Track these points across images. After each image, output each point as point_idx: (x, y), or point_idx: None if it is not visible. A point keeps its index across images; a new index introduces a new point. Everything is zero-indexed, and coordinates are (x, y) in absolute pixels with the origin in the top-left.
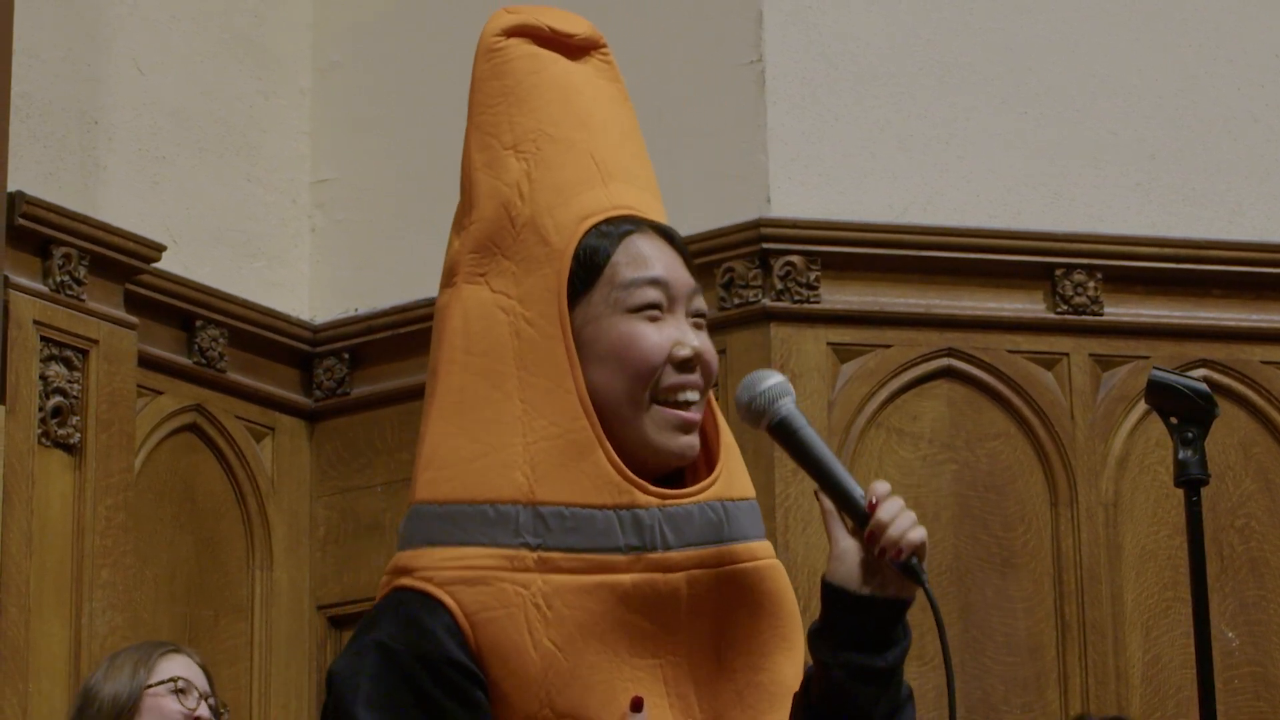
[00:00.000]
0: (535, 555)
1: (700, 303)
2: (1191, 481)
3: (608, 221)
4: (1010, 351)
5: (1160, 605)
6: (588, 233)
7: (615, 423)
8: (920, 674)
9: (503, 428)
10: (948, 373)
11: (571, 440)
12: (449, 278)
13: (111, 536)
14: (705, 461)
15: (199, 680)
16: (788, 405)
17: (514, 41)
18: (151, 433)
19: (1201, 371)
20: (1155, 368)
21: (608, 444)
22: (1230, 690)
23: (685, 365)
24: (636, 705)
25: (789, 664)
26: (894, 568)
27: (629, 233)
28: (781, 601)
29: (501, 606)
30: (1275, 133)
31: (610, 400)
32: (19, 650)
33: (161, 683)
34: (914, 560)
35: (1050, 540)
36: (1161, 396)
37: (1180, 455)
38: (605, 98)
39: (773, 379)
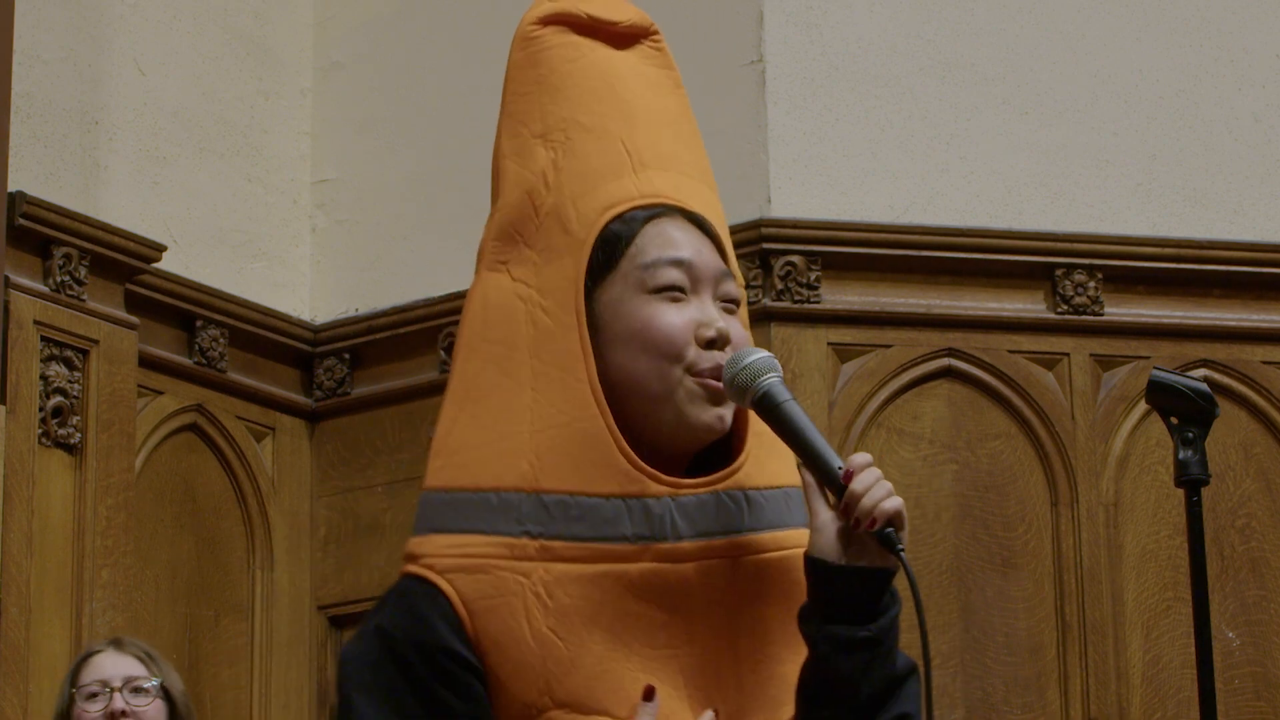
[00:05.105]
0: (537, 544)
1: (731, 288)
2: (1192, 481)
3: (632, 210)
4: (1011, 352)
5: (1161, 605)
6: (611, 222)
7: (644, 404)
8: None
9: (511, 415)
10: (948, 373)
11: (580, 429)
12: (477, 263)
13: (112, 536)
14: (731, 451)
15: (119, 671)
16: (771, 380)
17: (551, 30)
18: (152, 433)
19: (1202, 372)
20: (1156, 368)
21: (619, 433)
22: (1230, 690)
23: (713, 345)
24: (648, 695)
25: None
26: (872, 538)
27: (653, 217)
28: (800, 593)
29: (499, 595)
30: (1276, 133)
31: (634, 382)
32: (19, 650)
33: (79, 688)
34: (889, 530)
35: (1051, 540)
36: (1162, 396)
37: (1181, 455)
38: (648, 85)
39: (755, 355)
